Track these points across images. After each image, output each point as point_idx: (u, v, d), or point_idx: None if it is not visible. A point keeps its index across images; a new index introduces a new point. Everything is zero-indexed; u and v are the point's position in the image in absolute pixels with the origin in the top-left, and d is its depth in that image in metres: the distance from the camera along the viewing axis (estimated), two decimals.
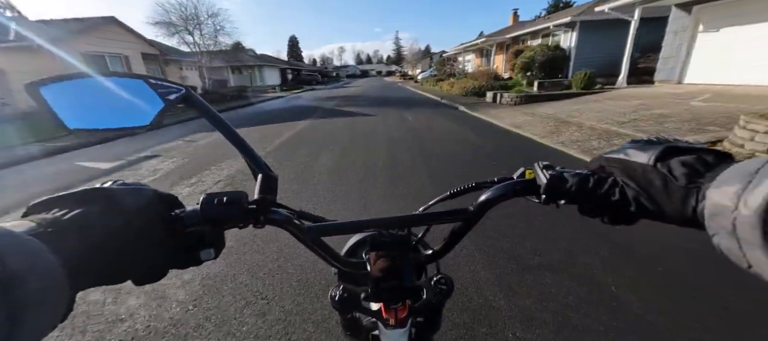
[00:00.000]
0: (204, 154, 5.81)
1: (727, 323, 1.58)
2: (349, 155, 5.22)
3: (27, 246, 0.21)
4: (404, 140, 6.19)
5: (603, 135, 5.36)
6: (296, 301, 1.90)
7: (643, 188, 0.30)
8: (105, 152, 6.50)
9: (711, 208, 0.24)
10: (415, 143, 5.89)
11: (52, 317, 0.23)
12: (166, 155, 5.91)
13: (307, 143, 6.33)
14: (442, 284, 0.50)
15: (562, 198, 0.36)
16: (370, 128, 7.67)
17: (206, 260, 0.36)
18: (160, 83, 0.37)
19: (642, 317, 1.64)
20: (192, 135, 7.72)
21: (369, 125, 8.28)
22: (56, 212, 0.27)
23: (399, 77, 55.11)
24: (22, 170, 5.60)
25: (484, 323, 1.66)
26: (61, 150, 6.67)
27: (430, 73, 31.91)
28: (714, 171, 0.26)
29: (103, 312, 1.86)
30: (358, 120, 9.23)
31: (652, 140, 0.33)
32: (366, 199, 3.39)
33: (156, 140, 7.24)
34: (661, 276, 1.94)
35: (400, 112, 10.58)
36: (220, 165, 4.94)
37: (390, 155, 5.09)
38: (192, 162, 5.29)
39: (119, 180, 0.34)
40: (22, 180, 4.96)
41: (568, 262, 2.12)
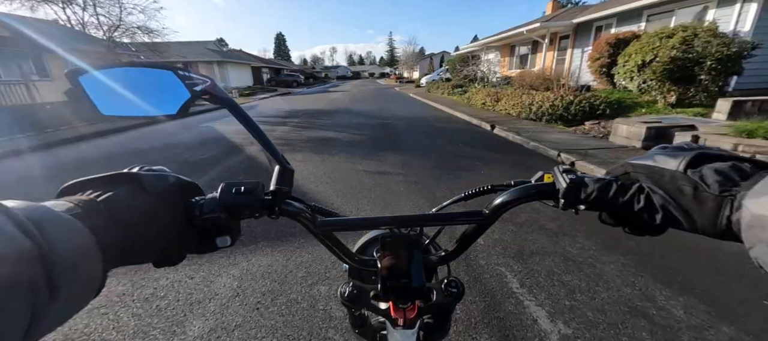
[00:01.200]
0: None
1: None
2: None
3: (67, 224, 0.23)
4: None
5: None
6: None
7: (672, 196, 0.29)
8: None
9: (749, 219, 0.23)
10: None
11: (87, 291, 0.24)
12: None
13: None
14: (453, 287, 0.49)
15: (582, 204, 0.36)
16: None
17: (222, 247, 0.38)
18: (187, 75, 0.38)
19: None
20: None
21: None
22: (90, 194, 0.28)
23: (395, 80, 50.69)
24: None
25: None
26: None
27: (440, 76, 25.55)
28: (751, 180, 0.25)
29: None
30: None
31: (682, 145, 0.31)
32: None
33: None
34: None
35: (435, 180, 4.01)
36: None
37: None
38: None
39: (145, 166, 0.35)
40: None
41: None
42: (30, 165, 5.41)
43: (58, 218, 0.22)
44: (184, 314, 1.83)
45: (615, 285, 1.98)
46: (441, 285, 0.50)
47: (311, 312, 1.82)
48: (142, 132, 8.18)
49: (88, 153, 6.16)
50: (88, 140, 7.33)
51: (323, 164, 4.74)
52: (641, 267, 2.14)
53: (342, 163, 4.81)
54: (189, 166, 4.89)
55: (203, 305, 1.90)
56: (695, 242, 2.30)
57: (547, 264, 2.21)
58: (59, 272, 0.20)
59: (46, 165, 5.35)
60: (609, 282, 2.01)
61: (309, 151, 5.65)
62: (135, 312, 1.85)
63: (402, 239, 0.47)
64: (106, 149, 6.43)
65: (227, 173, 4.47)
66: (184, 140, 6.97)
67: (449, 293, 0.49)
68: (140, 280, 2.11)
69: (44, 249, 0.20)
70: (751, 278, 1.98)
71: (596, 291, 1.93)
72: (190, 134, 7.54)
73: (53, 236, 0.21)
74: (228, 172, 4.53)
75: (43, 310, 0.19)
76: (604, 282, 2.01)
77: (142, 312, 1.84)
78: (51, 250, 0.20)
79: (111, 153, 6.07)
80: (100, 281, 0.25)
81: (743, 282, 1.97)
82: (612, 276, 2.06)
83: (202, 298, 1.96)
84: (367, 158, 5.08)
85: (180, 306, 1.90)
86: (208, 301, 1.93)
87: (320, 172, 4.38)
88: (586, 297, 1.89)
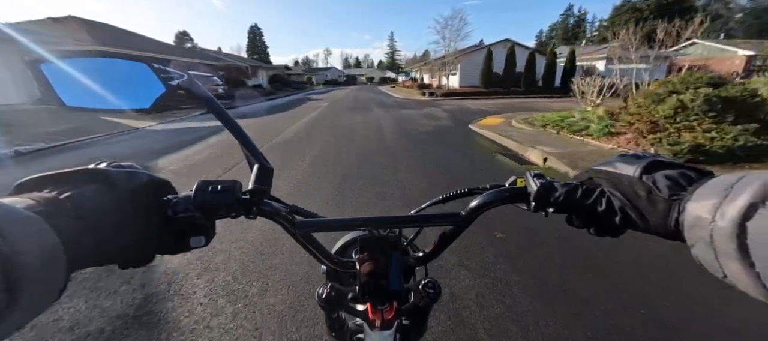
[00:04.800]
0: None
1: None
2: None
3: (30, 223, 0.21)
4: None
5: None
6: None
7: (629, 199, 0.31)
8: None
9: (690, 219, 0.25)
10: None
11: (48, 294, 0.23)
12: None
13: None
14: (430, 288, 0.50)
15: (551, 207, 0.37)
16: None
17: (196, 247, 0.37)
18: (162, 68, 0.37)
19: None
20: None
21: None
22: (52, 191, 0.27)
23: (408, 88, 31.58)
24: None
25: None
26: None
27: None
28: (695, 185, 0.27)
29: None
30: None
31: (638, 154, 0.35)
32: None
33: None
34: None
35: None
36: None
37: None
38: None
39: (114, 162, 0.34)
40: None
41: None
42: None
43: (19, 217, 0.21)
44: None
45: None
46: (419, 286, 0.51)
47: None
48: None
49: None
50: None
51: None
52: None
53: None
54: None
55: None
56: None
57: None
58: (20, 275, 0.19)
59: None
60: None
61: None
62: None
63: (381, 241, 0.47)
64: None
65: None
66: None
67: (426, 294, 0.50)
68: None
69: (4, 250, 0.18)
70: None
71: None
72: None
73: (14, 236, 0.19)
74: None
75: (0, 316, 0.18)
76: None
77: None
78: (12, 252, 0.19)
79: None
80: (63, 284, 0.24)
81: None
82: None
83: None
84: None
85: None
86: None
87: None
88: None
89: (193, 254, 2.30)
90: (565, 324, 1.69)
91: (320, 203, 3.42)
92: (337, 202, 3.44)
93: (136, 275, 2.09)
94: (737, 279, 0.22)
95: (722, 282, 0.24)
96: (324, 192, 3.73)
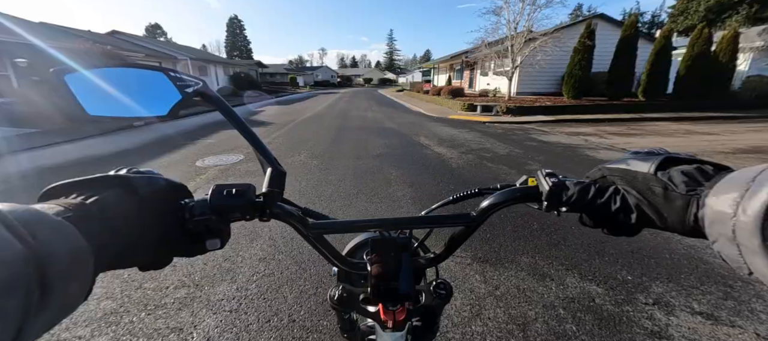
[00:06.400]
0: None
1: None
2: None
3: (60, 227, 0.23)
4: None
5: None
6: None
7: (644, 196, 0.30)
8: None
9: (710, 215, 0.25)
10: None
11: (77, 295, 0.23)
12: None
13: None
14: (441, 289, 0.50)
15: (564, 206, 0.37)
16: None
17: (212, 249, 0.37)
18: (178, 76, 0.38)
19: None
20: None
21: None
22: (77, 197, 0.28)
23: (431, 95, 18.48)
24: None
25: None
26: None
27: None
28: (713, 180, 0.27)
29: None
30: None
31: (652, 151, 0.34)
32: None
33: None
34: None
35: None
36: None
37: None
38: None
39: (133, 168, 0.35)
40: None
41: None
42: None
43: (50, 221, 0.22)
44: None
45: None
46: (430, 287, 0.51)
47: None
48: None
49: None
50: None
51: None
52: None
53: None
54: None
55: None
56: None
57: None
58: (52, 275, 0.20)
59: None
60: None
61: None
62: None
63: (391, 242, 0.47)
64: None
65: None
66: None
67: (438, 295, 0.50)
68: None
69: (38, 252, 0.19)
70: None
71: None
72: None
73: (46, 240, 0.21)
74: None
75: (34, 313, 0.19)
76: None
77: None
78: (46, 253, 0.20)
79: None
80: (90, 285, 0.25)
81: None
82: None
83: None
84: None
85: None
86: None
87: None
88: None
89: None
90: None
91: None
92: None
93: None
94: (764, 275, 0.21)
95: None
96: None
